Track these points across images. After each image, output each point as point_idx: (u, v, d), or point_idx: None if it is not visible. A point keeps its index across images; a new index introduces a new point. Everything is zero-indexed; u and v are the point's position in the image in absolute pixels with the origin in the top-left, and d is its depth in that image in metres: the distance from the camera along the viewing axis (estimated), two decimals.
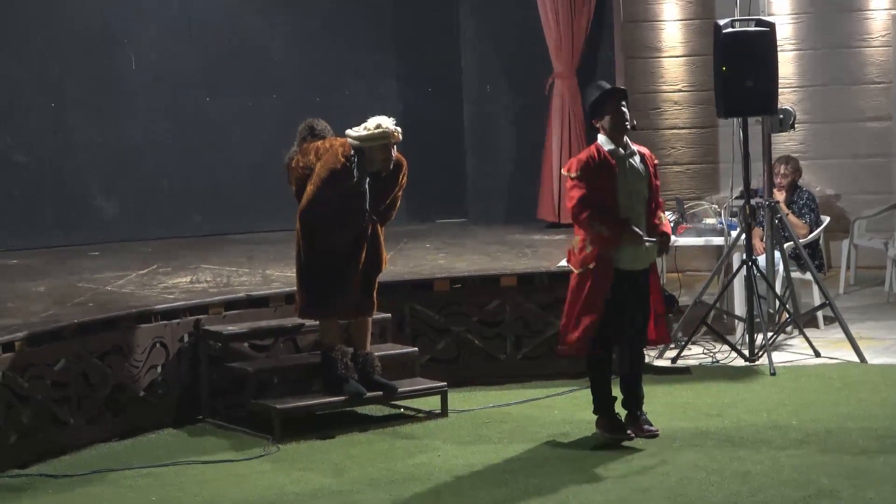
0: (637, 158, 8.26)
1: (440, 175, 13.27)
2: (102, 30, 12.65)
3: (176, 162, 12.93)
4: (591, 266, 8.15)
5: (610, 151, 8.18)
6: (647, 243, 8.15)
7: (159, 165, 12.89)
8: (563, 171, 8.39)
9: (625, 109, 8.19)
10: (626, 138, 8.26)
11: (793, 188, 11.58)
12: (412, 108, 13.28)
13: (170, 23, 12.85)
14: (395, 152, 8.66)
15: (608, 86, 8.37)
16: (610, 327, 8.19)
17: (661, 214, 8.36)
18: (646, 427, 8.31)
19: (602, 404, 8.32)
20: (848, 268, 12.96)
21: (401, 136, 8.63)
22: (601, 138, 8.26)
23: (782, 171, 11.47)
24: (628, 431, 8.25)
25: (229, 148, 13.09)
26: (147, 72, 12.80)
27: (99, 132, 12.69)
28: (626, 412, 8.36)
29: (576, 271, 8.24)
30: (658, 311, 8.37)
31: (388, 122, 8.58)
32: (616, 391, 8.38)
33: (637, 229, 8.12)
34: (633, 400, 8.37)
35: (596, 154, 8.17)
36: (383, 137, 8.54)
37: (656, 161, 8.45)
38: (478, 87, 13.29)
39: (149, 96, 12.83)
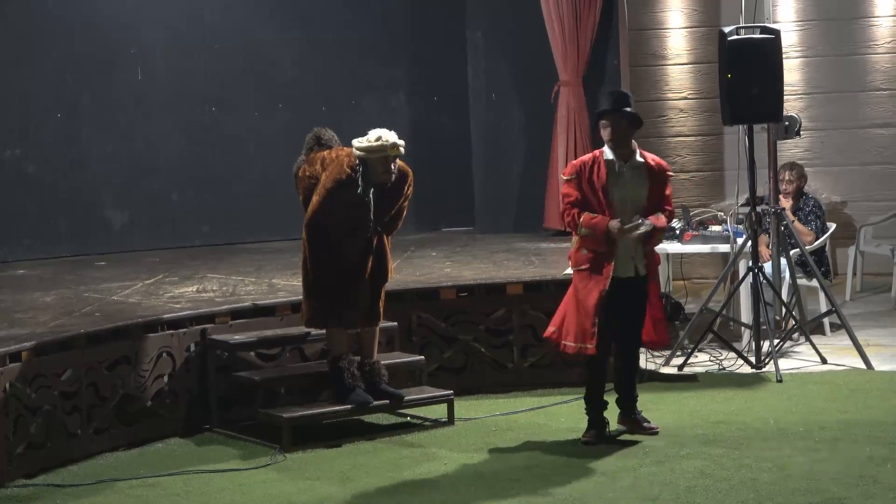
0: (637, 168, 8.33)
1: (447, 184, 13.30)
2: (115, 45, 12.71)
3: (187, 174, 12.99)
4: (585, 267, 8.32)
5: (608, 160, 8.31)
6: (628, 228, 8.16)
7: (171, 178, 12.93)
8: (562, 176, 8.60)
9: (616, 126, 8.28)
10: (632, 148, 8.35)
11: (799, 195, 11.59)
12: (420, 118, 13.34)
13: (183, 37, 12.91)
14: (398, 164, 8.65)
15: (619, 99, 8.43)
16: (605, 331, 8.31)
17: (661, 215, 8.37)
18: (645, 425, 8.46)
19: (591, 406, 8.45)
20: (854, 274, 12.96)
21: (402, 149, 8.61)
22: (606, 146, 8.39)
23: (787, 178, 11.48)
24: (584, 438, 8.40)
25: (241, 161, 13.14)
26: (160, 86, 12.85)
27: (111, 146, 12.75)
28: (621, 411, 8.54)
29: (572, 269, 8.46)
30: (656, 315, 8.44)
31: (388, 135, 8.56)
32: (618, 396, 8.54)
33: (617, 222, 8.18)
34: (627, 400, 8.52)
35: (590, 161, 8.35)
36: (382, 150, 8.53)
37: (670, 172, 8.49)
38: (484, 97, 13.30)
39: (161, 110, 12.89)
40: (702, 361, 10.41)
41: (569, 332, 8.38)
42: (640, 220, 8.22)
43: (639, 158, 8.37)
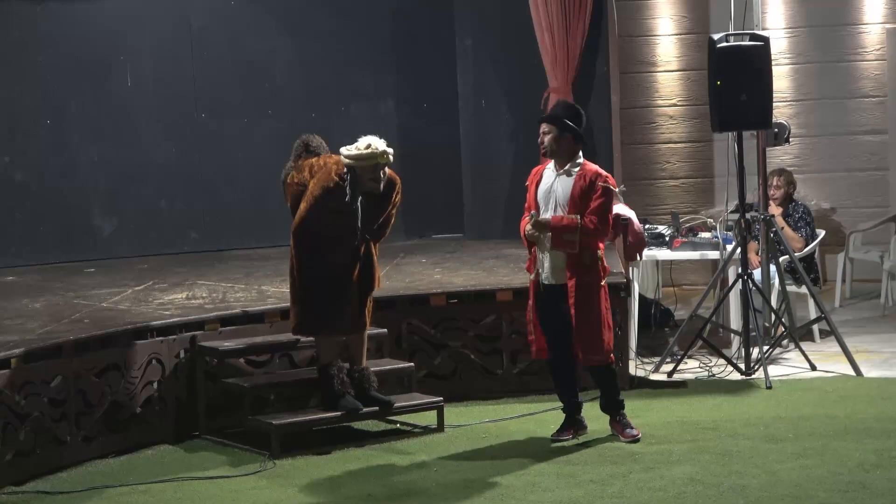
0: (567, 181, 8.43)
1: (437, 190, 13.29)
2: (104, 51, 12.70)
3: (176, 181, 12.97)
4: (530, 274, 8.64)
5: (547, 169, 8.57)
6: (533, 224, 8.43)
7: (160, 184, 12.92)
8: None
9: (541, 137, 8.48)
10: (569, 159, 8.46)
11: (788, 201, 11.60)
12: (409, 125, 13.32)
13: (172, 44, 12.89)
14: (387, 171, 8.63)
15: (561, 108, 8.60)
16: (551, 336, 8.54)
17: (574, 217, 8.35)
18: (626, 431, 8.54)
19: (563, 407, 8.71)
20: (844, 281, 12.98)
21: (392, 157, 8.60)
22: None
23: (774, 184, 11.50)
24: (552, 436, 8.59)
25: (229, 167, 13.12)
26: (148, 92, 12.84)
27: (100, 152, 12.73)
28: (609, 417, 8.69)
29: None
30: (581, 332, 8.42)
31: (378, 143, 8.55)
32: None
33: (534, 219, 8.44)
34: (602, 407, 8.65)
35: (540, 168, 8.63)
36: (372, 158, 8.52)
37: (607, 186, 8.39)
38: (473, 103, 13.29)
39: (150, 117, 12.87)
40: (691, 368, 10.41)
41: (533, 338, 8.65)
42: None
43: (574, 171, 8.44)
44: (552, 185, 8.47)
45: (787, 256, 10.79)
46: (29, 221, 12.53)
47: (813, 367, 10.32)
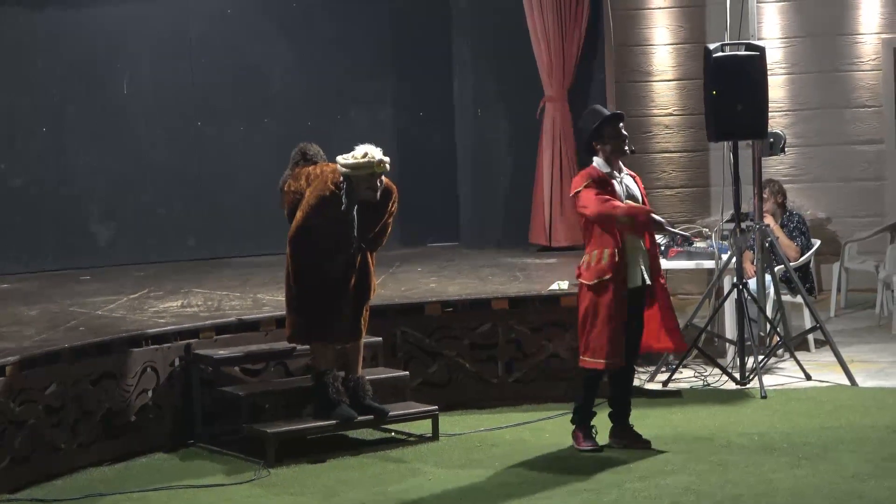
0: (629, 181, 8.54)
1: (433, 199, 13.29)
2: (102, 56, 12.70)
3: (174, 188, 12.97)
4: (608, 277, 8.31)
5: (608, 173, 8.45)
6: (668, 230, 8.66)
7: (157, 192, 12.92)
8: (571, 194, 8.51)
9: (626, 133, 8.50)
10: (620, 162, 8.51)
11: (781, 211, 11.60)
12: (406, 133, 13.33)
13: (170, 50, 12.89)
14: (384, 180, 8.64)
15: (607, 111, 8.55)
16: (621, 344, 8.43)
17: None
18: (641, 438, 8.53)
19: (586, 418, 8.53)
20: (839, 291, 12.98)
21: (388, 166, 8.61)
22: (597, 161, 8.49)
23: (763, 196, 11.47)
24: (588, 446, 8.51)
25: (227, 174, 13.12)
26: (147, 98, 12.84)
27: (97, 159, 12.73)
28: (614, 425, 8.58)
29: (588, 283, 8.36)
30: (669, 324, 8.53)
31: (374, 152, 8.55)
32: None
33: (656, 217, 8.48)
34: (624, 413, 8.58)
35: (596, 173, 8.42)
36: (368, 167, 8.52)
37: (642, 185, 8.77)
38: (470, 111, 13.31)
39: (148, 123, 12.87)
40: (686, 377, 10.42)
41: (595, 348, 8.36)
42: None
43: (625, 170, 8.58)
44: (622, 195, 8.44)
45: (782, 266, 10.80)
46: (26, 228, 12.52)
47: (808, 377, 10.32)
